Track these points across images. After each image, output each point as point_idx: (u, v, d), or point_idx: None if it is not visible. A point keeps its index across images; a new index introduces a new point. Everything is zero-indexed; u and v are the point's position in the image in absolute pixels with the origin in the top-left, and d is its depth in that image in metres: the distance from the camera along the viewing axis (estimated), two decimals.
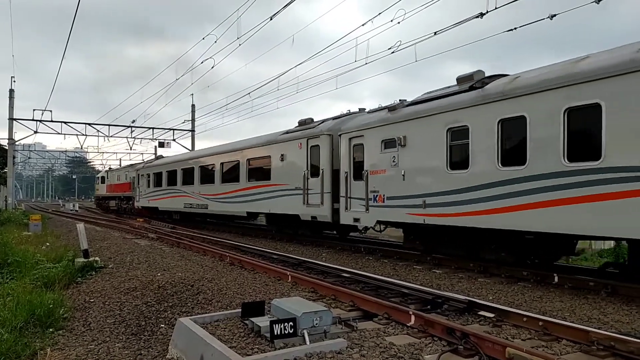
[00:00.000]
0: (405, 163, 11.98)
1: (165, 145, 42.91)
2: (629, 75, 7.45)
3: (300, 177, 15.90)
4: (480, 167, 10.01)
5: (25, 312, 7.15)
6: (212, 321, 5.92)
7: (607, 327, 6.16)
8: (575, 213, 8.27)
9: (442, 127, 10.88)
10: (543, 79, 8.95)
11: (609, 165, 7.77)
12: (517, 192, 9.24)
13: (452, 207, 10.62)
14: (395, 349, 5.01)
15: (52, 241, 17.47)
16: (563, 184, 8.45)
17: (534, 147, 8.94)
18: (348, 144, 13.94)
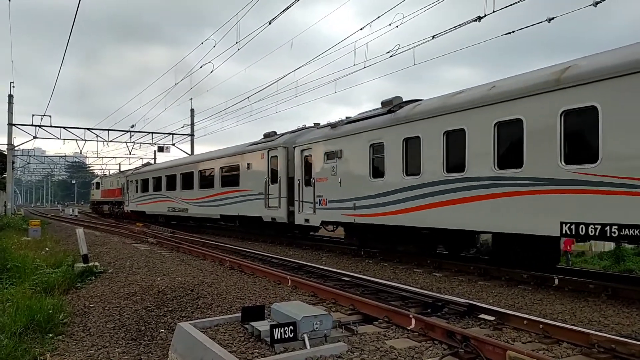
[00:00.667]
0: (341, 172, 14.15)
1: (164, 150, 42.93)
2: (482, 107, 9.94)
3: (262, 184, 18.02)
4: (392, 176, 12.24)
5: (25, 318, 7.14)
6: (212, 326, 5.90)
7: (607, 329, 6.16)
8: (452, 212, 10.55)
9: (366, 143, 13.06)
10: (430, 108, 11.34)
11: (469, 175, 10.17)
12: (415, 196, 11.52)
13: (374, 208, 12.78)
14: (396, 353, 5.00)
15: (52, 246, 17.45)
16: (444, 190, 10.76)
17: (425, 160, 11.23)
18: (300, 155, 16.02)
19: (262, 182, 18.02)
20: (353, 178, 13.60)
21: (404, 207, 11.81)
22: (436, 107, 11.18)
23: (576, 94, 8.26)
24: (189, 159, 28.15)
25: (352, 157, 13.72)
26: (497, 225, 9.67)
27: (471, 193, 10.10)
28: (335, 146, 14.34)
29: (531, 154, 8.96)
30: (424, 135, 11.26)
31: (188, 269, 11.38)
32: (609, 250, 21.37)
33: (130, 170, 38.98)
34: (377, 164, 12.80)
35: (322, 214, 14.92)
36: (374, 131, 12.84)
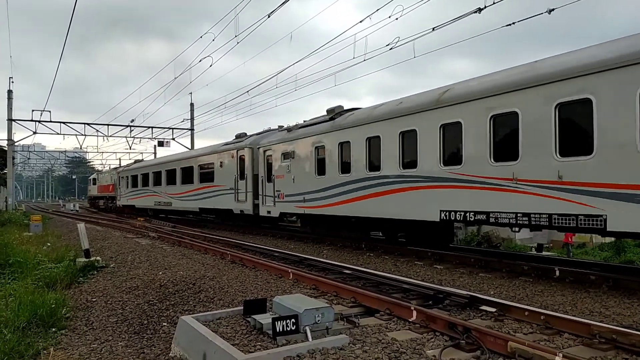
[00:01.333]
0: (294, 170, 16.34)
1: (164, 145, 42.91)
2: (391, 119, 12.17)
3: (233, 180, 20.31)
4: (331, 174, 14.45)
5: (28, 313, 7.16)
6: (214, 319, 5.92)
7: (608, 320, 6.17)
8: (372, 203, 12.78)
9: (312, 145, 15.33)
10: (357, 118, 13.62)
11: (384, 174, 12.39)
12: (347, 190, 13.70)
13: (319, 201, 14.99)
14: (398, 345, 5.02)
15: (53, 241, 17.48)
16: (367, 185, 12.97)
17: (354, 161, 13.45)
18: (263, 155, 18.34)
19: (232, 179, 20.30)
20: (303, 175, 15.82)
21: (340, 199, 14.12)
22: (361, 117, 13.48)
23: (450, 112, 10.59)
24: (172, 157, 30.32)
25: (302, 157, 15.98)
26: (403, 213, 11.88)
27: (385, 188, 12.41)
28: (290, 148, 16.63)
29: (422, 157, 11.30)
30: (353, 140, 13.53)
31: (190, 262, 11.40)
32: (610, 241, 21.41)
33: (121, 167, 41.43)
34: (320, 164, 15.04)
35: (281, 207, 17.16)
36: (318, 135, 15.14)
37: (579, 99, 8.10)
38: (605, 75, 7.77)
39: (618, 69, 7.59)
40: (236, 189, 20.01)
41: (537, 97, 8.82)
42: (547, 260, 11.17)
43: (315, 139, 15.22)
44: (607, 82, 7.76)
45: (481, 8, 12.08)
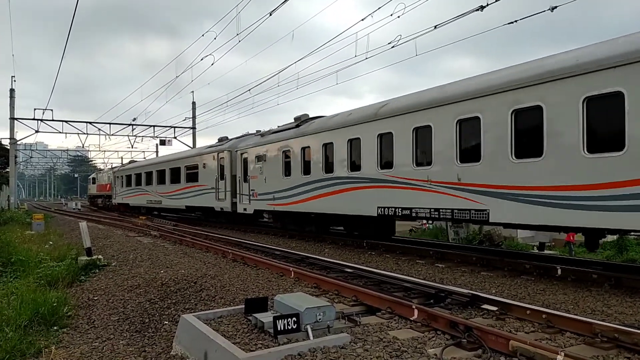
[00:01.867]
0: (266, 172, 18.20)
1: (166, 143, 42.92)
2: (342, 129, 14.19)
3: (214, 180, 22.17)
4: (295, 175, 16.35)
5: (30, 311, 7.17)
6: (216, 317, 5.92)
7: (610, 319, 6.15)
8: (327, 201, 14.72)
9: (280, 149, 17.30)
10: (316, 126, 15.63)
11: (336, 175, 14.36)
12: (307, 190, 15.58)
13: (286, 199, 16.86)
14: (399, 343, 5.01)
15: (55, 240, 17.51)
16: (323, 185, 14.85)
17: (313, 164, 15.44)
18: (240, 157, 20.26)
19: (214, 179, 22.21)
20: (273, 176, 17.65)
21: (302, 198, 15.93)
22: (319, 126, 15.48)
23: (385, 124, 12.52)
24: (162, 158, 33.31)
25: (272, 160, 17.83)
26: (351, 209, 13.96)
27: (337, 188, 14.30)
28: (262, 151, 18.49)
29: (365, 161, 13.21)
30: (312, 146, 15.48)
31: (191, 261, 11.41)
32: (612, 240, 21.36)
33: (117, 167, 43.54)
34: (287, 166, 16.89)
35: (255, 204, 19.07)
36: (285, 141, 17.06)
37: (472, 117, 10.16)
38: (489, 99, 9.81)
39: (497, 94, 9.62)
40: (217, 188, 22.02)
41: (445, 114, 10.80)
42: (549, 258, 11.14)
43: (283, 143, 17.22)
44: (491, 105, 9.76)
45: (483, 6, 12.05)
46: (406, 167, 11.85)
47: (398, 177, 12.08)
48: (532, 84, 8.92)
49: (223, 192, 21.45)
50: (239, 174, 20.25)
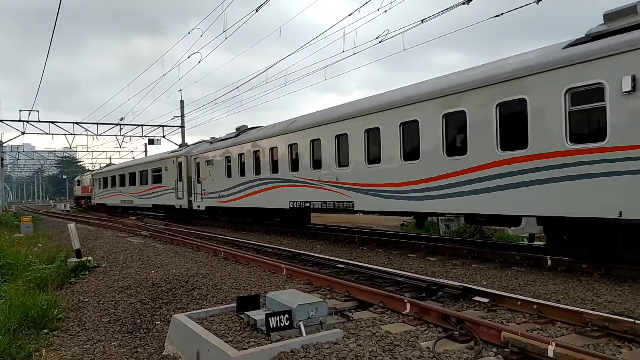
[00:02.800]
0: (213, 174, 21.59)
1: (155, 142, 42.52)
2: (265, 139, 17.55)
3: (174, 181, 25.65)
4: (234, 177, 19.73)
5: (19, 314, 7.09)
6: (208, 316, 5.90)
7: (600, 308, 6.22)
8: (257, 197, 17.98)
9: (223, 155, 20.74)
10: (248, 136, 19.06)
11: (263, 177, 17.60)
12: (244, 188, 18.95)
13: (229, 197, 20.24)
14: (392, 337, 5.02)
15: (44, 242, 17.33)
16: (254, 185, 18.13)
17: (247, 167, 18.76)
18: (194, 161, 23.85)
19: (174, 181, 25.59)
20: (218, 178, 21.07)
21: (240, 195, 19.29)
22: (251, 136, 19.05)
23: (292, 136, 16.06)
24: (133, 162, 37.81)
25: (218, 164, 21.21)
26: (273, 204, 17.12)
27: (263, 187, 17.60)
28: (210, 156, 21.97)
29: (280, 166, 16.65)
30: (246, 152, 18.87)
31: (182, 260, 11.35)
32: None
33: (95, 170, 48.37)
34: (228, 169, 20.26)
35: (206, 202, 22.37)
36: (227, 148, 20.51)
37: (344, 133, 13.62)
38: (354, 122, 13.25)
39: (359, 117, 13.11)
40: (176, 189, 25.44)
41: (328, 131, 14.27)
42: (539, 249, 11.24)
43: (225, 150, 20.65)
44: (354, 127, 13.22)
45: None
46: (306, 170, 15.18)
47: (301, 177, 15.47)
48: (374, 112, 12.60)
49: (181, 192, 24.93)
50: (194, 176, 23.70)
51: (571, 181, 8.22)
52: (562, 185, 8.33)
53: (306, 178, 15.16)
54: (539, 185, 8.68)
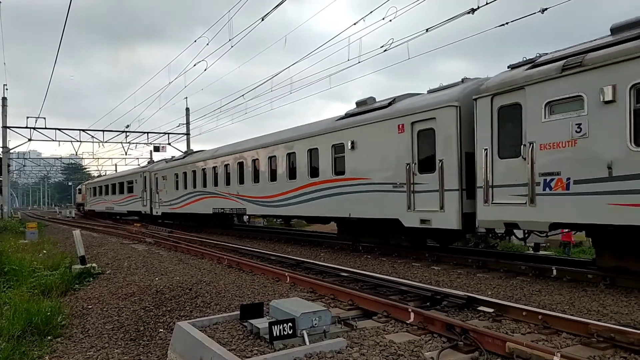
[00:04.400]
0: (167, 187, 27.67)
1: (160, 150, 42.72)
2: (199, 161, 23.97)
3: (141, 192, 31.77)
4: (181, 189, 25.72)
5: (23, 321, 7.09)
6: (211, 324, 5.88)
7: (606, 319, 6.16)
8: (197, 205, 23.72)
9: (173, 172, 26.80)
10: (190, 159, 25.37)
11: (191, 191, 24.49)
12: (186, 199, 24.87)
13: (177, 205, 26.19)
14: (395, 347, 4.99)
15: (49, 249, 17.38)
16: (192, 195, 24.27)
17: (188, 183, 24.56)
18: (154, 177, 29.80)
19: (141, 191, 31.73)
20: (170, 190, 27.17)
21: (183, 204, 25.45)
22: (189, 159, 25.64)
23: (216, 161, 22.06)
24: (114, 175, 46.00)
25: (170, 179, 27.30)
26: (204, 210, 23.02)
27: (198, 197, 23.69)
28: (165, 173, 28.07)
29: (208, 182, 22.67)
30: (188, 171, 24.96)
31: (186, 268, 11.35)
32: None
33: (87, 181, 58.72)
34: (176, 183, 26.32)
35: (162, 209, 28.59)
36: (176, 167, 26.77)
37: (242, 161, 19.77)
38: (246, 154, 19.70)
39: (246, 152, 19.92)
40: (144, 198, 31.42)
41: (233, 159, 20.60)
42: (544, 259, 11.16)
43: (174, 169, 26.97)
44: (245, 158, 19.73)
45: (474, 8, 12.11)
46: (223, 186, 21.26)
47: (220, 191, 21.53)
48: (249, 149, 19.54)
49: (145, 200, 31.13)
50: (154, 188, 29.80)
51: (335, 196, 14.26)
52: (333, 198, 14.34)
53: (222, 192, 21.34)
54: (326, 198, 14.63)
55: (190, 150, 29.34)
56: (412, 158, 11.66)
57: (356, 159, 13.43)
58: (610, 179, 7.78)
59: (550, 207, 8.66)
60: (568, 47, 9.05)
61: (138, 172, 33.63)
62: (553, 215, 8.64)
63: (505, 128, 9.52)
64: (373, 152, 12.85)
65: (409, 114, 11.72)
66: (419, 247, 12.76)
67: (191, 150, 29.33)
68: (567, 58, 8.55)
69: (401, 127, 11.92)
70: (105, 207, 41.31)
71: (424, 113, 11.28)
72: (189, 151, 28.57)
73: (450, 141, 10.64)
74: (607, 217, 7.84)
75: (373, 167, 12.86)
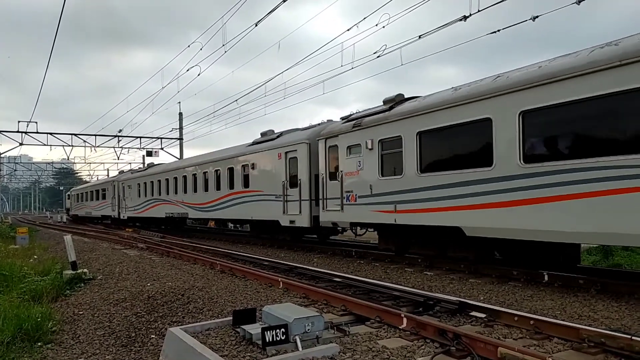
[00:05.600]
0: (131, 194, 32.71)
1: (153, 154, 42.55)
2: (159, 173, 28.71)
3: (111, 199, 37.50)
4: (142, 197, 30.74)
5: (13, 327, 7.01)
6: (203, 330, 5.86)
7: (597, 324, 6.21)
8: (154, 211, 28.82)
9: (136, 182, 31.94)
10: (151, 172, 30.22)
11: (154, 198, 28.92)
12: (147, 204, 29.98)
13: (140, 209, 31.24)
14: (388, 352, 5.00)
15: (40, 254, 17.23)
16: (151, 202, 29.30)
17: (147, 192, 30.11)
18: (122, 186, 34.99)
19: (111, 198, 37.41)
20: (134, 197, 32.10)
21: (144, 209, 30.17)
22: (150, 172, 30.08)
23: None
24: (92, 183, 53.48)
25: (134, 188, 32.21)
26: (159, 214, 27.73)
27: (155, 204, 28.43)
28: (130, 183, 33.17)
29: (162, 192, 27.76)
30: (147, 182, 29.64)
31: (178, 273, 11.30)
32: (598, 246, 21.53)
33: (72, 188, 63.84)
34: (140, 192, 31.03)
35: (128, 213, 33.51)
36: (138, 178, 31.75)
37: (185, 175, 24.96)
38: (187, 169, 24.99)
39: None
40: (112, 203, 37.22)
41: (178, 173, 25.62)
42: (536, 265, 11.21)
43: (138, 180, 31.70)
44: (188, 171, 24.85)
45: (466, 16, 12.20)
46: (172, 195, 25.97)
47: (170, 199, 26.21)
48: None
49: (114, 206, 36.60)
50: (121, 195, 35.15)
51: (244, 204, 19.10)
52: (243, 205, 19.18)
53: (172, 199, 25.96)
54: (239, 205, 19.46)
55: (151, 163, 34.13)
56: (285, 177, 16.54)
57: (255, 177, 18.50)
58: (371, 195, 12.62)
59: (349, 212, 13.52)
60: (365, 109, 14.09)
61: (109, 181, 40.01)
62: (350, 217, 13.54)
63: (331, 160, 14.40)
64: (264, 172, 17.92)
65: (284, 146, 16.75)
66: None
67: (152, 163, 34.18)
68: (357, 119, 13.43)
69: (280, 155, 16.84)
70: (85, 212, 47.64)
71: (292, 146, 16.34)
72: (150, 164, 33.65)
73: (305, 166, 15.56)
74: (371, 218, 12.75)
75: (264, 183, 17.77)
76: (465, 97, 10.11)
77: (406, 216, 11.53)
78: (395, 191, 11.84)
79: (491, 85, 9.64)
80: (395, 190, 11.86)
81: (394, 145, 11.95)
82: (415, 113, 11.28)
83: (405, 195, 11.54)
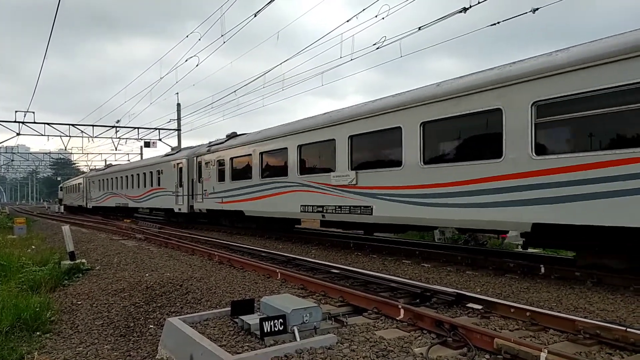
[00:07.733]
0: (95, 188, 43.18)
1: (151, 145, 42.42)
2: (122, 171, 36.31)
3: (83, 191, 46.83)
4: (103, 190, 40.12)
5: (11, 316, 7.04)
6: (202, 320, 5.89)
7: (593, 316, 6.25)
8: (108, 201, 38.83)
9: (98, 179, 42.33)
10: (111, 170, 40.01)
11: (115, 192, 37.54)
12: (104, 196, 39.69)
13: (100, 200, 41.29)
14: (385, 343, 5.03)
15: (38, 244, 17.24)
16: (108, 194, 38.74)
17: (108, 187, 38.99)
18: (89, 181, 44.96)
19: (83, 191, 47.09)
20: (96, 191, 41.61)
21: (103, 200, 39.94)
22: (108, 171, 40.06)
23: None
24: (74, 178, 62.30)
25: (97, 183, 41.77)
26: (111, 204, 37.73)
27: (107, 196, 38.68)
28: (95, 179, 42.40)
29: (109, 186, 38.23)
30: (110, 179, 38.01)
31: (177, 264, 11.32)
32: None
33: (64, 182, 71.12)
34: (99, 186, 40.95)
35: (93, 204, 42.83)
36: (99, 175, 41.45)
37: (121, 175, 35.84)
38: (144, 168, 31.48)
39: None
40: (83, 196, 46.49)
41: (123, 173, 35.40)
42: (532, 257, 11.28)
43: (99, 177, 40.34)
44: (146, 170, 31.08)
45: (466, 8, 12.16)
46: (120, 189, 33.36)
47: (118, 192, 34.23)
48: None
49: (84, 198, 46.11)
50: (89, 188, 43.95)
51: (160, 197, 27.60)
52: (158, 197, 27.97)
53: (119, 193, 34.22)
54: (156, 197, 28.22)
55: (110, 164, 43.32)
56: (177, 180, 24.89)
57: (163, 179, 26.89)
58: (213, 193, 21.24)
59: (206, 203, 21.80)
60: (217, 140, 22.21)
61: (81, 177, 50.07)
62: (206, 206, 21.84)
63: (198, 170, 22.58)
64: (167, 176, 26.24)
65: (176, 160, 25.31)
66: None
67: (110, 164, 43.23)
68: (210, 147, 21.50)
69: (175, 165, 25.29)
70: (70, 202, 57.11)
71: (180, 160, 24.78)
72: (108, 165, 42.60)
73: (186, 173, 23.87)
74: (214, 206, 21.26)
75: (167, 183, 26.26)
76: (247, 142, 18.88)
77: (228, 205, 19.80)
78: (222, 190, 20.14)
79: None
80: (222, 190, 20.17)
81: (222, 163, 20.15)
82: (231, 147, 19.67)
83: (227, 193, 19.80)
